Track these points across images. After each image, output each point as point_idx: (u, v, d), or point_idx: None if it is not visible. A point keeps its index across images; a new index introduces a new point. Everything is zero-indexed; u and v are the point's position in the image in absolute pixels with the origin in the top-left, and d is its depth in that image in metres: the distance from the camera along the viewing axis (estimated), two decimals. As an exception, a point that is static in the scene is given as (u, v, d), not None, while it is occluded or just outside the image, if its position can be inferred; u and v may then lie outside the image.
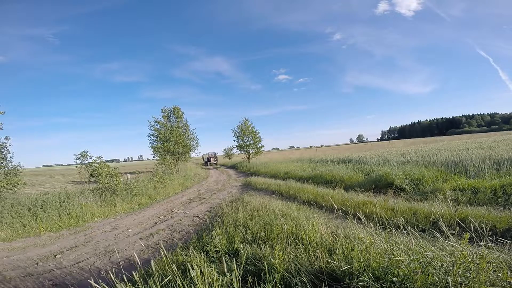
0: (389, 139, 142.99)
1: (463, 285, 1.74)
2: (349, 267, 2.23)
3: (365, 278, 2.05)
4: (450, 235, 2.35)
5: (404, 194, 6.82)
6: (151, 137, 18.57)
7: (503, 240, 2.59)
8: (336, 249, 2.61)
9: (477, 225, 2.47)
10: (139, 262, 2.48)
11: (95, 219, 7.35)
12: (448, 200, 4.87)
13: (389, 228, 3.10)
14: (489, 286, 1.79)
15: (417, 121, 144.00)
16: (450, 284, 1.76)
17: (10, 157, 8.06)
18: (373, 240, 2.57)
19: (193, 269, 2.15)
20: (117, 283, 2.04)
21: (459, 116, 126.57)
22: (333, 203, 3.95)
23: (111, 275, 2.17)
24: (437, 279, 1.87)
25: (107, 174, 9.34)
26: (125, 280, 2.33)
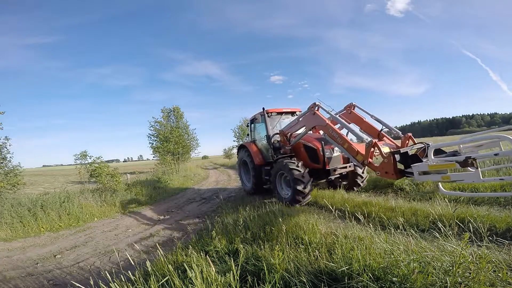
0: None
1: (463, 285, 1.74)
2: (349, 267, 2.23)
3: (365, 278, 2.05)
4: (450, 235, 2.35)
5: (404, 194, 6.82)
6: (151, 137, 18.63)
7: (502, 240, 2.59)
8: (335, 249, 2.61)
9: (476, 225, 2.47)
10: (138, 262, 2.49)
11: (95, 219, 7.34)
12: (448, 200, 4.86)
13: (388, 228, 3.10)
14: (489, 286, 1.79)
15: (417, 121, 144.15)
16: (450, 284, 1.76)
17: (10, 157, 8.09)
18: (372, 240, 2.57)
19: (192, 269, 2.16)
20: (117, 283, 2.04)
21: (459, 116, 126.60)
22: (333, 203, 3.95)
23: (110, 275, 2.17)
24: (436, 279, 1.87)
25: (107, 174, 9.35)
26: (125, 280, 2.33)
